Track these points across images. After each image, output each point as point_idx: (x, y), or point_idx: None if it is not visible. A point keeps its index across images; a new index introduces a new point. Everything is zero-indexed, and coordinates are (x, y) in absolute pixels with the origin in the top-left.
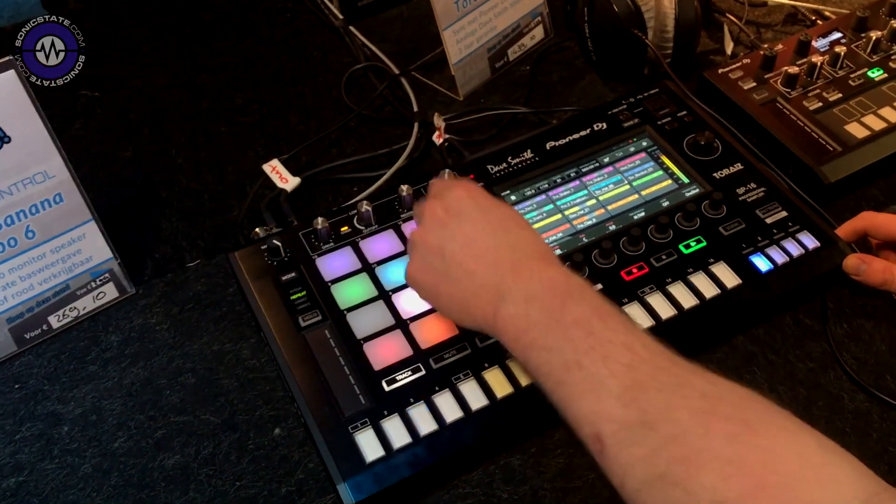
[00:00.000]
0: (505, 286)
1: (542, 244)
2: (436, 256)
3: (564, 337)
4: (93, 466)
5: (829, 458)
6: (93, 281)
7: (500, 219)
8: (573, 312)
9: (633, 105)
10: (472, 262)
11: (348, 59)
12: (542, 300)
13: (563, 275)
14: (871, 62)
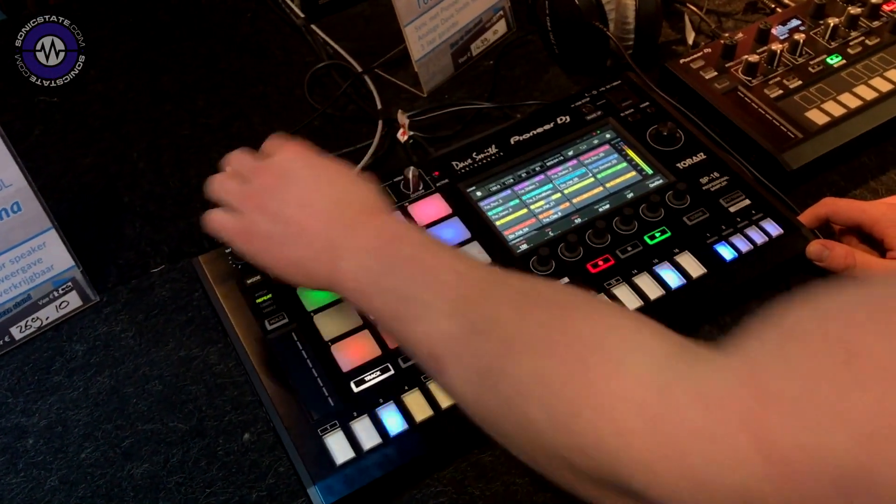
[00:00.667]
0: (340, 243)
1: (374, 196)
2: (269, 219)
3: (398, 277)
4: (59, 479)
5: (639, 326)
6: (55, 290)
7: (330, 177)
8: (404, 253)
9: (595, 98)
10: (308, 223)
11: (311, 58)
12: (376, 250)
13: (393, 221)
14: (829, 49)
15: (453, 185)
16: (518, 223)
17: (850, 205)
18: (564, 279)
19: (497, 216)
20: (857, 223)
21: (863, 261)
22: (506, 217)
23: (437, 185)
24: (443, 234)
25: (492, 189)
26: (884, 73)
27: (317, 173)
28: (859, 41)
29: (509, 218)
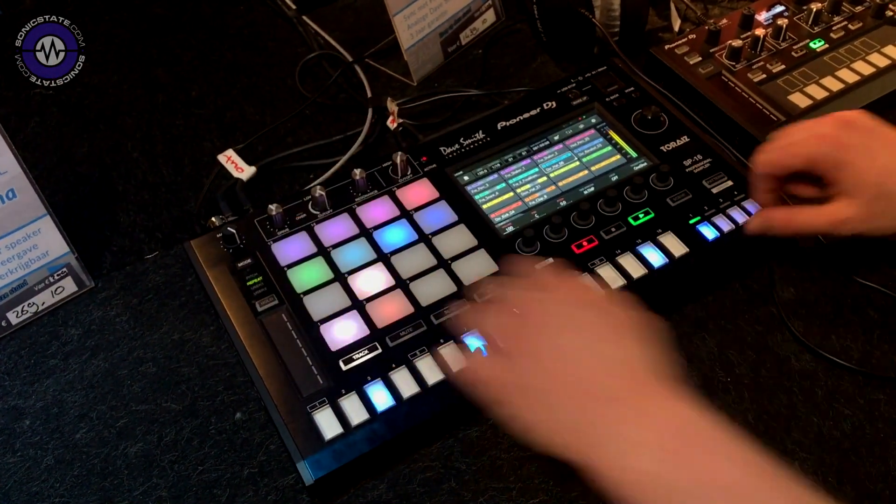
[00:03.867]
0: (610, 420)
1: (650, 353)
2: (527, 371)
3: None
4: (55, 458)
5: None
6: (51, 276)
7: (600, 336)
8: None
9: (581, 83)
10: (561, 388)
11: (302, 48)
12: (669, 453)
13: (675, 402)
14: (812, 33)
15: (441, 170)
16: (504, 206)
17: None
18: (549, 259)
19: (484, 199)
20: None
21: (805, 220)
22: (492, 200)
23: (424, 170)
24: (431, 217)
25: (479, 173)
26: (866, 57)
27: (605, 321)
28: (842, 26)
29: (496, 201)
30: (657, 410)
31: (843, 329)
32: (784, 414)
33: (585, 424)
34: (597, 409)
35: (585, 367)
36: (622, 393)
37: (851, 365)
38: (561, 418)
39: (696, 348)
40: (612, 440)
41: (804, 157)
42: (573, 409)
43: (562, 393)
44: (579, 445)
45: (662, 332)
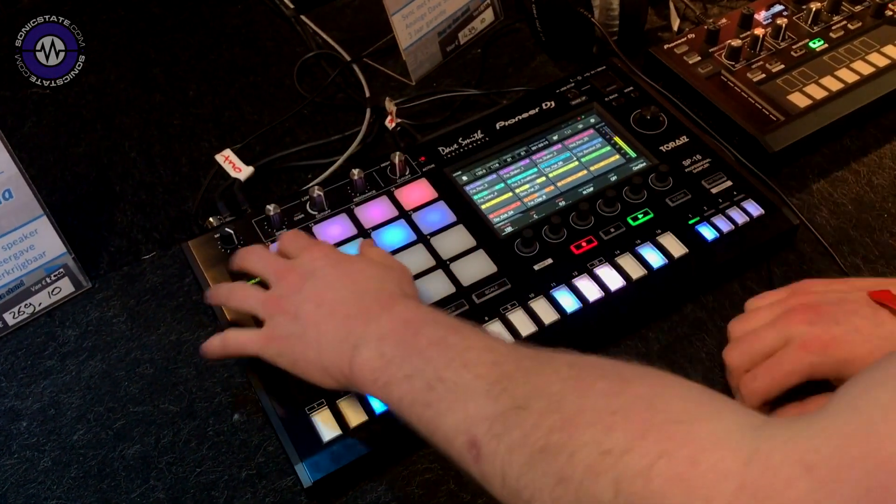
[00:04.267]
0: (356, 335)
1: (393, 284)
2: (290, 321)
3: (422, 359)
4: (52, 460)
5: (712, 397)
6: (47, 276)
7: (350, 272)
8: (427, 335)
9: (580, 83)
10: (325, 321)
11: (300, 48)
12: (394, 335)
13: (413, 307)
14: (811, 33)
15: (439, 170)
16: (503, 206)
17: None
18: (548, 260)
19: (482, 200)
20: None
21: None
22: (491, 200)
23: (423, 170)
24: (429, 218)
25: (477, 173)
26: (865, 57)
27: (338, 271)
28: (841, 25)
29: (494, 201)
30: (389, 313)
31: None
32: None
33: (343, 342)
34: (351, 325)
35: (341, 297)
36: (374, 309)
37: None
38: (325, 347)
39: (695, 349)
40: (361, 345)
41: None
42: (333, 332)
43: (322, 325)
44: (341, 364)
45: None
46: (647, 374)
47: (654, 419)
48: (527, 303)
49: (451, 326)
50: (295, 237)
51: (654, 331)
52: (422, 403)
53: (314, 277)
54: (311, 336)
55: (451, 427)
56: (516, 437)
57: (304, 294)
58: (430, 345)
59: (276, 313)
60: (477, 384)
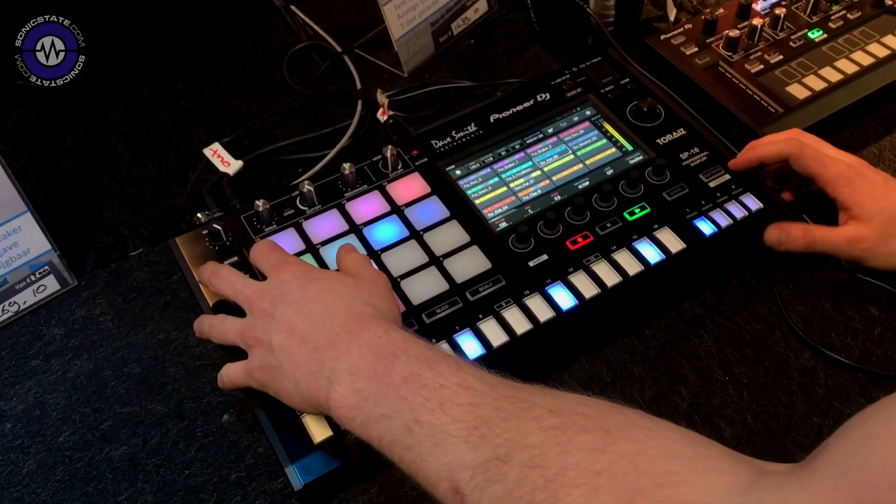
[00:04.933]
0: (328, 368)
1: (366, 301)
2: (266, 352)
3: (397, 398)
4: (37, 462)
5: (699, 450)
6: (32, 274)
7: (319, 291)
8: (400, 371)
9: (575, 74)
10: (297, 352)
11: (290, 38)
12: (366, 369)
13: (381, 333)
14: (810, 23)
15: (432, 164)
16: (497, 201)
17: (815, 155)
18: (544, 256)
19: (476, 194)
20: (812, 175)
21: (822, 235)
22: (485, 195)
23: (415, 163)
24: (422, 213)
25: (471, 167)
26: (865, 47)
27: (306, 293)
28: (840, 15)
29: (489, 196)
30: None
31: (843, 326)
32: (783, 413)
33: (317, 374)
34: (323, 357)
35: (310, 323)
36: (342, 337)
37: (852, 363)
38: (301, 379)
39: (693, 347)
40: (334, 380)
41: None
42: (306, 365)
43: (296, 357)
44: (318, 396)
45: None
46: (630, 424)
47: (641, 483)
48: (522, 300)
49: (423, 358)
50: (265, 252)
51: (651, 328)
52: (402, 446)
53: (283, 303)
54: (286, 368)
55: (434, 472)
56: (499, 491)
57: (275, 322)
58: (403, 381)
59: (253, 344)
60: (454, 429)
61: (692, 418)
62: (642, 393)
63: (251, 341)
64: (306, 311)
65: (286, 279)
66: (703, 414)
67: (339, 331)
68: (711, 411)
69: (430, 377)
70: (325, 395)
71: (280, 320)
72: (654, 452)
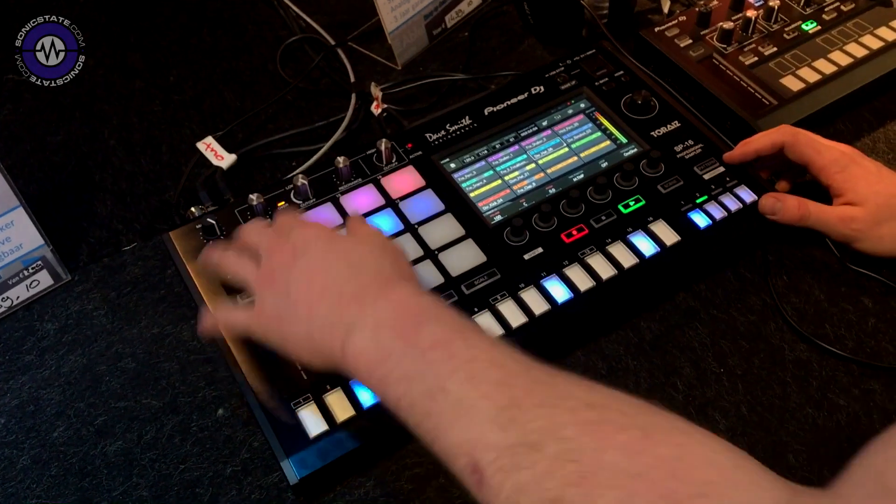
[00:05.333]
0: (350, 316)
1: (392, 265)
2: (280, 297)
3: (423, 362)
4: (31, 458)
5: (737, 462)
6: (25, 269)
7: (345, 250)
8: (430, 334)
9: (570, 67)
10: (317, 299)
11: (283, 31)
12: (393, 325)
13: (414, 294)
14: (804, 15)
15: (427, 157)
16: (492, 194)
17: (809, 142)
18: (539, 249)
19: (471, 188)
20: (807, 162)
21: (816, 210)
22: (480, 188)
23: (410, 157)
24: (417, 206)
25: (466, 160)
26: (858, 39)
27: (332, 248)
28: (834, 7)
29: (483, 189)
30: (387, 298)
31: (837, 317)
32: (778, 405)
33: (335, 324)
34: (344, 307)
35: (335, 274)
36: (370, 290)
37: (846, 354)
38: (315, 328)
39: (688, 339)
40: (355, 329)
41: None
42: (324, 314)
43: (314, 304)
44: (333, 345)
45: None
46: (669, 427)
47: (679, 491)
48: (517, 293)
49: (455, 327)
50: (290, 214)
51: (646, 320)
52: (421, 411)
53: (307, 254)
54: (301, 314)
55: (453, 444)
56: (526, 478)
57: (295, 270)
58: (432, 345)
59: (266, 288)
60: (482, 406)
61: (687, 410)
62: (637, 385)
63: (264, 285)
64: (331, 263)
65: (310, 234)
66: (698, 406)
67: (367, 284)
68: (706, 403)
69: (460, 347)
70: (341, 344)
71: (301, 269)
72: (693, 460)
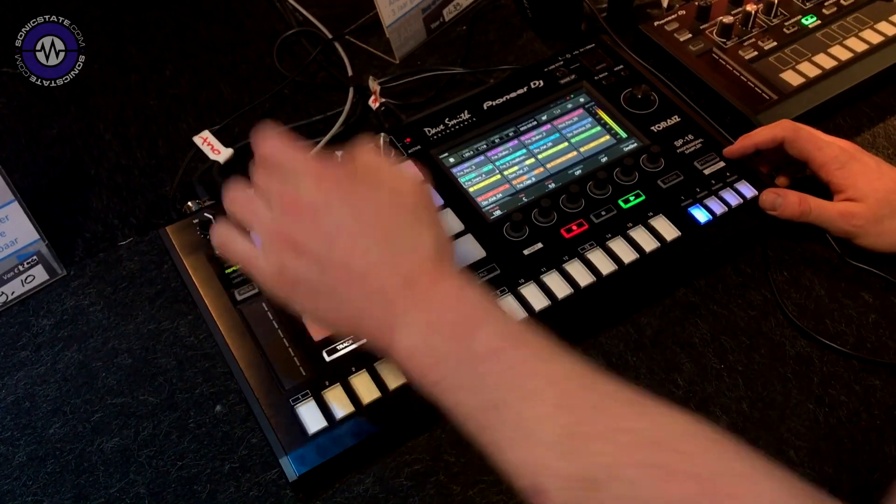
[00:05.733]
0: (399, 309)
1: (429, 232)
2: (309, 266)
3: (478, 374)
4: (27, 455)
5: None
6: (20, 264)
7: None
8: (483, 341)
9: (569, 61)
10: (358, 283)
11: (280, 25)
12: (445, 327)
13: (463, 286)
14: (804, 9)
15: (425, 152)
16: (491, 189)
17: (809, 138)
18: (538, 245)
19: (470, 182)
20: (807, 158)
21: (817, 206)
22: (479, 183)
23: (408, 151)
24: None
25: (465, 155)
26: (859, 34)
27: (359, 210)
28: (834, 1)
29: (483, 184)
30: (435, 291)
31: (838, 313)
32: (778, 401)
33: (384, 315)
34: (393, 299)
35: (371, 246)
36: (417, 282)
37: (847, 350)
38: (360, 314)
39: (688, 334)
40: (405, 326)
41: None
42: (370, 302)
43: (355, 287)
44: (380, 336)
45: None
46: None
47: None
48: (517, 289)
49: (508, 332)
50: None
51: (646, 316)
52: (478, 424)
53: (330, 215)
54: (342, 294)
55: (514, 463)
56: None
57: (319, 236)
58: (485, 355)
59: (286, 249)
60: (542, 429)
61: (687, 406)
62: (637, 381)
63: (283, 245)
64: (363, 231)
65: (327, 187)
66: (699, 402)
67: (411, 271)
68: (706, 399)
69: (515, 358)
70: (390, 338)
71: (328, 237)
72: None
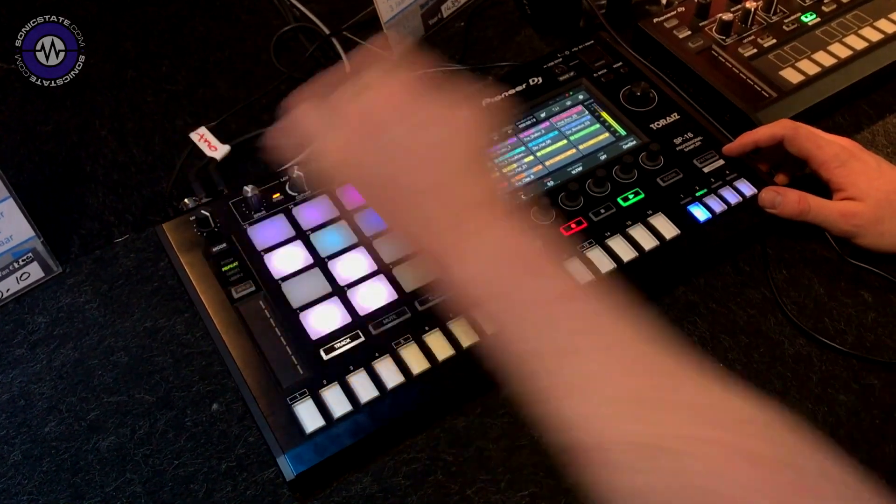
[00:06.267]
0: None
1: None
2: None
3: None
4: (22, 453)
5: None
6: (15, 261)
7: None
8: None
9: (568, 58)
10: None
11: (277, 20)
12: None
13: None
14: (804, 7)
15: None
16: None
17: (809, 136)
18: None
19: None
20: (807, 156)
21: (817, 205)
22: None
23: None
24: None
25: None
26: (858, 31)
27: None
28: None
29: None
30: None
31: (837, 312)
32: (778, 400)
33: None
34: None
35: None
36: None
37: (846, 349)
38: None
39: (687, 333)
40: None
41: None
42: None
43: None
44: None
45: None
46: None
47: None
48: None
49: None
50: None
51: (645, 314)
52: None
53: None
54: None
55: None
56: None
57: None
58: None
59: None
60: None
61: None
62: None
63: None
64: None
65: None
66: None
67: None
68: None
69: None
70: None
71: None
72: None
